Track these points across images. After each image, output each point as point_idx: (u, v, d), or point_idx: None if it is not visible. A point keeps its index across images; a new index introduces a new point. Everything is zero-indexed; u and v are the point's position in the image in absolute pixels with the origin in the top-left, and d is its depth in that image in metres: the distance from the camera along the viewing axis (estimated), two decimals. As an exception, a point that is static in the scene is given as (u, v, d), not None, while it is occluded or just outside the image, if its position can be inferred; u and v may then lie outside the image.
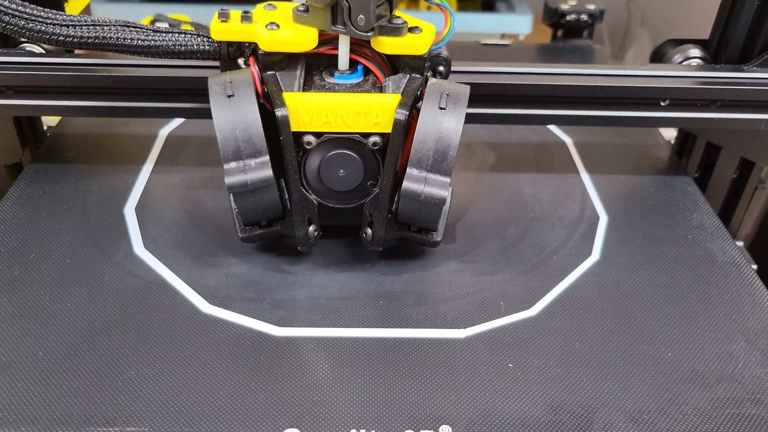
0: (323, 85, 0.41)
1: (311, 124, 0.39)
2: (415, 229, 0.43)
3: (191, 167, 0.53)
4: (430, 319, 0.41)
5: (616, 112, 0.51)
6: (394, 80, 0.41)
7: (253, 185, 0.38)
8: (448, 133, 0.39)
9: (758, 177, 0.57)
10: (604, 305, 0.42)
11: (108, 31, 0.42)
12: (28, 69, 0.48)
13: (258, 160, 0.38)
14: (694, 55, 0.55)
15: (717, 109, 0.50)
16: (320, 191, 0.42)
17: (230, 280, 0.43)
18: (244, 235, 0.42)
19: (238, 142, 0.38)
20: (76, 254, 0.44)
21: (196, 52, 0.42)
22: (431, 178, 0.39)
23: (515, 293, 0.43)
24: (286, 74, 0.40)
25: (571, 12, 0.74)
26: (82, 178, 0.51)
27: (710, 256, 0.46)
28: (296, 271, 0.44)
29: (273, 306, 0.41)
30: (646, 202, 0.51)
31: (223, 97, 0.38)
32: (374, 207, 0.41)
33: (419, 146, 0.39)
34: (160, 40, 0.42)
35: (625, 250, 0.47)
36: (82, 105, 0.49)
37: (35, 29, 0.41)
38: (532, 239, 0.47)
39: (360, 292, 0.42)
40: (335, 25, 0.39)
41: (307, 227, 0.42)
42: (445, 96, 0.39)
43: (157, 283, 0.42)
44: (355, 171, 0.41)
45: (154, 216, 0.48)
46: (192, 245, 0.45)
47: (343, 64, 0.41)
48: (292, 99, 0.38)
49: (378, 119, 0.39)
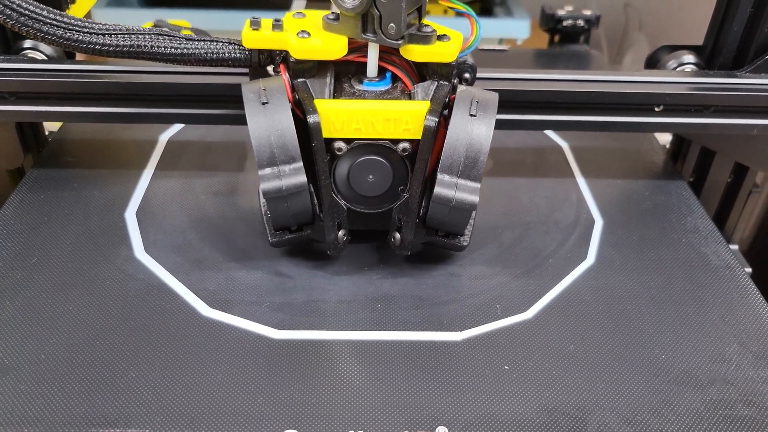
0: (353, 92, 0.42)
1: (342, 130, 0.40)
2: (443, 234, 0.43)
3: (191, 172, 0.54)
4: (427, 321, 0.41)
5: (611, 117, 0.51)
6: (423, 87, 0.41)
7: (288, 191, 0.39)
8: (479, 139, 0.39)
9: (752, 181, 0.58)
10: (599, 308, 0.43)
11: (143, 39, 0.42)
12: (30, 75, 0.48)
13: (292, 166, 0.39)
14: (688, 61, 0.56)
15: (711, 114, 0.51)
16: (349, 196, 0.42)
17: (230, 283, 0.43)
18: (274, 239, 0.43)
19: (273, 148, 0.39)
20: (77, 258, 0.45)
21: (227, 60, 0.43)
22: (462, 183, 0.40)
23: (511, 296, 0.43)
24: (316, 81, 0.41)
25: (567, 17, 0.74)
26: (84, 183, 0.51)
27: (704, 260, 0.47)
28: (295, 275, 0.44)
29: (272, 309, 0.42)
30: (641, 206, 0.52)
31: (258, 104, 0.39)
32: (403, 212, 0.42)
33: (450, 152, 0.39)
34: (192, 48, 0.43)
35: (619, 254, 0.47)
36: (83, 111, 0.50)
37: (73, 38, 0.42)
38: (529, 243, 0.48)
39: (358, 296, 0.43)
40: (365, 33, 0.39)
41: (336, 232, 0.42)
42: (475, 103, 0.40)
43: (158, 286, 0.43)
44: (384, 176, 0.41)
45: (154, 220, 0.48)
46: (192, 249, 0.46)
47: (371, 71, 0.42)
48: (324, 106, 0.39)
49: (408, 126, 0.40)
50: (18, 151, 0.55)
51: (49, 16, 0.41)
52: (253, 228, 0.48)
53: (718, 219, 0.60)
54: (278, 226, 0.42)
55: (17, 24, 0.41)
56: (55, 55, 0.54)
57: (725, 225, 0.60)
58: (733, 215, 0.59)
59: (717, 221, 0.57)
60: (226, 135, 0.58)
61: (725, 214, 0.59)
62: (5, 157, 0.55)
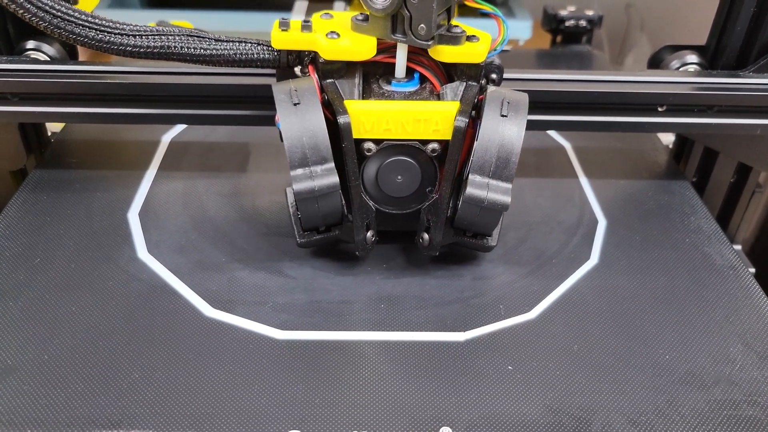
0: (381, 93, 0.42)
1: (372, 131, 0.40)
2: (470, 234, 0.43)
3: (194, 173, 0.53)
4: (431, 322, 0.41)
5: (614, 117, 0.51)
6: (452, 88, 0.41)
7: (320, 191, 0.39)
8: (510, 140, 0.39)
9: (755, 181, 0.58)
10: (603, 308, 0.43)
11: (173, 40, 0.42)
12: (33, 76, 0.48)
13: (324, 167, 0.39)
14: (691, 61, 0.56)
15: (714, 114, 0.51)
16: (377, 197, 0.42)
17: (233, 284, 0.43)
18: (303, 240, 0.43)
19: (305, 149, 0.39)
20: (80, 259, 0.45)
21: (256, 61, 0.43)
22: (493, 184, 0.40)
23: (515, 297, 0.43)
24: (344, 82, 0.41)
25: (569, 18, 0.74)
26: (86, 184, 0.51)
27: (708, 260, 0.47)
28: (298, 275, 0.44)
29: (275, 309, 0.42)
30: (644, 207, 0.52)
31: (290, 105, 0.39)
32: (432, 212, 0.42)
33: (482, 153, 0.39)
34: (222, 49, 0.43)
35: (623, 254, 0.47)
36: (86, 111, 0.50)
37: (105, 40, 0.42)
38: (532, 243, 0.48)
39: (361, 296, 0.43)
40: (395, 34, 0.39)
41: (365, 233, 0.42)
42: (506, 103, 0.40)
43: (161, 287, 0.43)
44: (413, 177, 0.41)
45: (157, 221, 0.48)
46: (195, 250, 0.46)
47: (400, 72, 0.42)
48: (354, 107, 0.39)
49: (438, 126, 0.40)
50: (21, 152, 0.55)
51: (81, 17, 0.42)
52: (255, 228, 0.48)
53: (721, 219, 0.59)
54: (307, 226, 0.42)
55: (50, 26, 0.41)
56: (57, 55, 0.54)
57: (728, 225, 0.60)
58: (737, 215, 0.59)
59: (720, 221, 0.57)
60: (229, 136, 0.58)
61: (728, 214, 0.59)
62: (8, 158, 0.55)
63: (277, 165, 0.55)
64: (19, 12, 0.41)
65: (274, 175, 0.54)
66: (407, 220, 0.43)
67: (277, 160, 0.55)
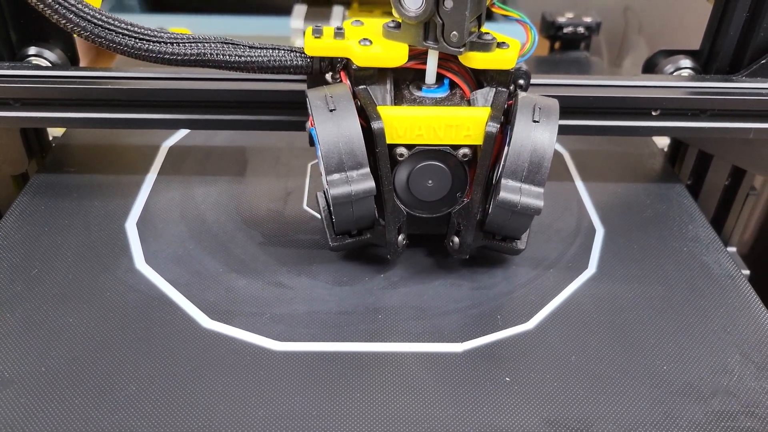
0: (413, 99, 0.42)
1: (404, 136, 0.41)
2: (500, 238, 0.44)
3: (191, 181, 0.53)
4: (428, 332, 0.41)
5: (608, 121, 0.52)
6: (482, 94, 0.42)
7: (356, 196, 0.39)
8: (543, 145, 0.40)
9: (750, 184, 0.58)
10: (601, 318, 0.43)
11: (209, 47, 0.43)
12: (35, 82, 0.49)
13: (359, 172, 0.39)
14: (684, 65, 0.57)
15: (707, 118, 0.51)
16: (408, 201, 0.43)
17: (230, 294, 0.43)
18: (335, 243, 0.43)
19: (341, 154, 0.39)
20: (78, 269, 0.45)
21: (289, 67, 0.44)
22: (525, 188, 0.40)
23: (512, 307, 0.43)
24: (377, 88, 0.42)
25: (568, 25, 0.74)
26: (84, 193, 0.51)
27: (705, 269, 0.47)
28: (295, 285, 0.44)
29: (273, 321, 0.42)
30: (642, 215, 0.52)
31: (326, 111, 0.39)
32: (463, 216, 0.42)
33: (515, 158, 0.40)
34: (256, 56, 0.43)
35: (621, 263, 0.47)
36: (87, 117, 0.50)
37: (144, 48, 0.43)
38: (530, 252, 0.48)
39: (358, 307, 0.43)
40: (427, 41, 0.40)
41: (397, 236, 0.43)
42: (537, 109, 0.40)
43: (159, 298, 0.43)
44: (443, 181, 0.42)
45: (155, 231, 0.48)
46: (193, 260, 0.46)
47: (430, 78, 0.43)
48: (387, 112, 0.40)
49: (469, 132, 0.40)
50: (22, 157, 0.55)
51: (121, 26, 0.42)
52: (253, 238, 0.48)
53: (716, 222, 0.60)
54: (340, 230, 0.43)
55: (91, 35, 0.42)
56: (58, 61, 0.54)
57: (723, 228, 0.60)
58: (731, 218, 0.60)
59: (715, 224, 0.57)
60: (227, 143, 0.58)
61: (723, 217, 0.60)
62: (10, 162, 0.55)
63: (275, 173, 0.55)
64: (62, 22, 0.42)
65: (272, 184, 0.54)
66: (437, 224, 0.44)
67: (275, 168, 0.55)
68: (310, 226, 0.49)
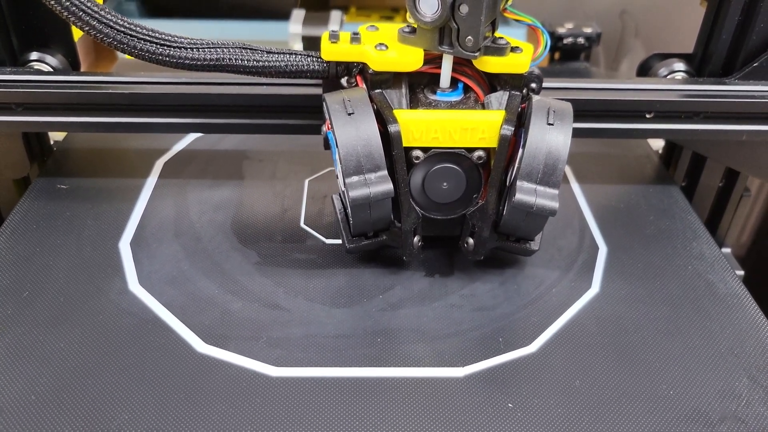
0: (428, 103, 0.43)
1: (420, 139, 0.41)
2: (514, 239, 0.44)
3: (187, 198, 0.53)
4: (429, 356, 0.40)
5: (603, 124, 0.52)
6: (496, 97, 0.43)
7: (375, 198, 0.40)
8: (557, 147, 0.40)
9: (743, 185, 0.59)
10: (605, 340, 0.42)
11: (227, 53, 0.43)
12: (36, 87, 0.49)
13: (377, 174, 0.40)
14: (678, 68, 0.57)
15: (701, 120, 0.52)
16: (423, 203, 0.43)
17: (225, 317, 0.42)
18: (351, 246, 0.44)
19: (360, 157, 0.40)
20: (70, 291, 0.44)
21: (306, 72, 0.44)
22: (541, 190, 0.40)
23: (514, 329, 0.42)
24: (392, 92, 0.43)
25: (567, 36, 0.74)
26: (77, 212, 0.50)
27: (711, 288, 0.46)
28: (292, 307, 0.43)
29: (269, 345, 0.41)
30: (645, 231, 0.51)
31: (344, 114, 0.40)
32: (478, 218, 0.43)
33: (529, 160, 0.40)
34: (273, 60, 0.44)
35: (625, 283, 0.46)
36: (88, 121, 0.51)
37: (164, 53, 0.43)
38: (531, 271, 0.47)
39: (357, 330, 0.42)
40: (442, 46, 0.40)
41: (412, 238, 0.43)
42: (552, 112, 0.41)
43: (152, 321, 0.42)
44: (458, 184, 0.43)
45: (149, 251, 0.47)
46: (187, 281, 0.45)
47: (445, 82, 0.43)
48: (404, 116, 0.41)
49: (484, 135, 0.41)
50: (24, 161, 0.56)
51: (142, 32, 0.43)
52: (248, 258, 0.47)
53: (710, 223, 0.60)
54: (357, 232, 0.43)
55: (114, 42, 0.43)
56: (60, 66, 0.55)
57: (717, 229, 0.61)
58: (725, 219, 0.60)
59: (709, 225, 0.58)
60: (222, 159, 0.57)
61: (717, 218, 0.60)
62: (12, 166, 0.56)
63: (272, 189, 0.54)
64: (85, 29, 0.43)
65: (269, 201, 0.53)
66: (451, 226, 0.45)
67: (272, 185, 0.55)
68: (307, 245, 0.48)
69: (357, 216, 0.41)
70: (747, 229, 0.71)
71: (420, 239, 0.44)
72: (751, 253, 0.72)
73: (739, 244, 0.71)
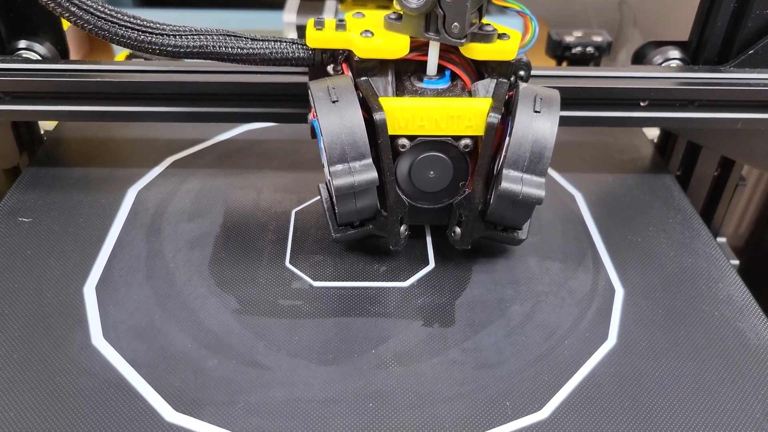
0: (414, 90, 0.42)
1: (406, 127, 0.40)
2: (501, 228, 0.44)
3: (161, 233, 0.48)
4: (428, 425, 0.36)
5: (597, 112, 0.52)
6: (483, 85, 0.42)
7: (359, 186, 0.39)
8: (544, 135, 0.40)
9: (738, 174, 0.58)
10: (624, 404, 0.37)
11: (211, 40, 0.43)
12: (25, 75, 0.49)
13: (362, 163, 0.39)
14: (673, 56, 0.56)
15: (695, 108, 0.51)
16: (410, 192, 0.43)
17: (199, 378, 0.38)
18: (338, 235, 0.43)
19: (344, 145, 0.39)
20: (25, 347, 0.39)
21: (291, 59, 0.44)
22: (527, 178, 0.40)
23: (523, 390, 0.38)
24: (378, 80, 0.42)
25: (576, 44, 0.68)
26: (39, 250, 0.46)
27: (741, 338, 0.41)
28: (274, 365, 0.39)
29: (247, 411, 0.36)
30: (665, 270, 0.46)
31: (329, 102, 0.39)
32: (465, 206, 0.42)
33: (516, 148, 0.40)
34: (258, 48, 0.43)
35: (644, 332, 0.42)
36: (78, 110, 0.50)
37: (147, 40, 0.42)
38: (541, 319, 0.42)
39: (346, 393, 0.37)
40: (428, 32, 0.40)
41: (399, 227, 0.43)
42: (538, 100, 0.40)
43: (116, 384, 0.37)
44: (445, 172, 0.42)
45: (116, 296, 0.43)
46: (158, 334, 0.40)
47: (431, 69, 0.43)
48: (389, 104, 0.40)
49: (470, 122, 0.40)
50: (14, 150, 0.55)
51: (124, 18, 0.42)
52: (227, 304, 0.42)
53: (706, 212, 0.60)
54: (342, 221, 0.43)
55: (94, 28, 0.42)
56: (49, 55, 0.54)
57: (713, 218, 0.60)
58: (721, 208, 0.60)
59: (704, 215, 0.58)
60: (200, 186, 0.53)
61: (713, 208, 0.60)
62: (2, 156, 0.55)
63: (255, 221, 0.49)
64: (64, 15, 0.42)
65: (252, 235, 0.48)
66: (439, 215, 0.44)
67: (255, 215, 0.50)
68: (292, 289, 0.44)
69: (342, 205, 0.41)
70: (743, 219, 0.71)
71: (407, 228, 0.44)
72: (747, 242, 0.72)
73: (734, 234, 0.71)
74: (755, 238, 0.71)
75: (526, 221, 0.43)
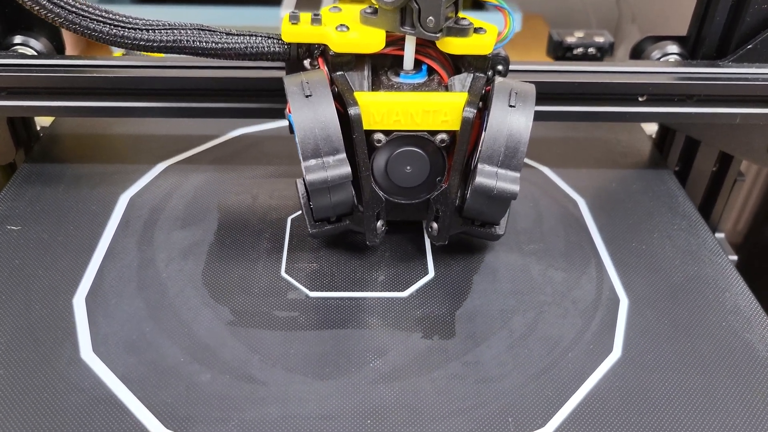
0: (390, 85, 0.42)
1: (382, 122, 0.40)
2: (479, 224, 0.43)
3: (153, 242, 0.46)
4: (426, 443, 0.35)
5: (595, 107, 0.51)
6: (460, 79, 0.42)
7: (333, 181, 0.39)
8: (519, 130, 0.39)
9: (737, 170, 0.58)
10: (630, 419, 0.36)
11: (185, 34, 0.42)
12: (21, 71, 0.48)
13: (335, 158, 0.39)
14: (671, 51, 0.56)
15: (694, 103, 0.51)
16: (386, 187, 0.43)
17: (191, 393, 0.37)
18: (314, 230, 0.43)
19: (317, 140, 0.39)
20: (12, 362, 0.38)
21: (267, 54, 0.43)
22: (502, 173, 0.40)
23: (525, 405, 0.37)
24: (354, 74, 0.42)
25: (578, 45, 0.67)
26: (27, 260, 0.45)
27: (750, 350, 0.40)
28: (268, 379, 0.37)
29: (241, 429, 0.35)
30: (671, 279, 0.45)
31: (302, 96, 0.39)
32: (441, 202, 0.42)
33: (491, 143, 0.40)
34: (233, 42, 0.43)
35: (650, 344, 0.40)
36: (73, 105, 0.50)
37: (119, 35, 0.42)
38: (543, 331, 0.41)
39: (343, 409, 0.36)
40: (404, 27, 0.40)
41: (375, 222, 0.43)
42: (513, 94, 0.40)
43: (105, 400, 0.36)
44: (422, 167, 0.42)
45: (106, 308, 0.41)
46: (149, 347, 0.39)
47: (408, 64, 0.42)
48: (364, 98, 0.40)
49: (446, 117, 0.40)
50: (10, 146, 0.55)
51: (95, 12, 0.42)
52: (221, 316, 0.41)
53: (704, 208, 0.59)
54: (319, 216, 0.43)
55: (65, 22, 0.41)
56: (44, 50, 0.54)
57: (711, 214, 0.59)
58: (719, 204, 0.59)
59: (703, 210, 0.57)
60: (194, 192, 0.51)
61: (711, 203, 0.59)
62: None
63: (250, 229, 0.48)
64: (35, 8, 0.41)
65: (246, 243, 0.47)
66: (416, 210, 0.44)
67: (250, 222, 0.49)
68: (288, 300, 0.43)
69: (317, 200, 0.41)
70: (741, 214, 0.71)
71: (384, 224, 0.44)
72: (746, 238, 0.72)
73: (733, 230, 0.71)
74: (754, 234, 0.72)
75: (502, 216, 0.43)
